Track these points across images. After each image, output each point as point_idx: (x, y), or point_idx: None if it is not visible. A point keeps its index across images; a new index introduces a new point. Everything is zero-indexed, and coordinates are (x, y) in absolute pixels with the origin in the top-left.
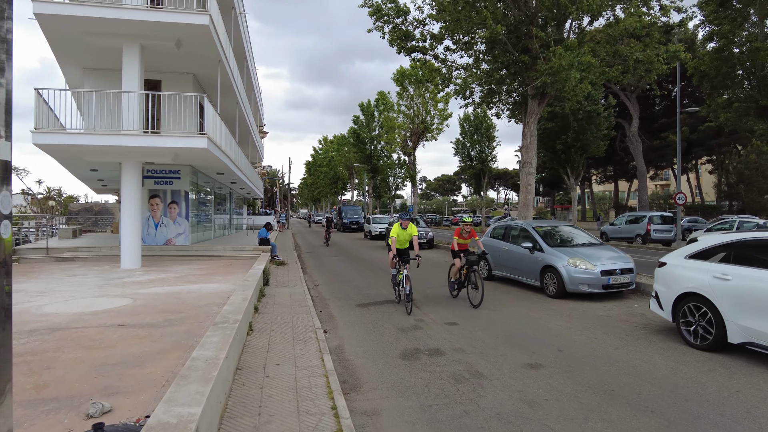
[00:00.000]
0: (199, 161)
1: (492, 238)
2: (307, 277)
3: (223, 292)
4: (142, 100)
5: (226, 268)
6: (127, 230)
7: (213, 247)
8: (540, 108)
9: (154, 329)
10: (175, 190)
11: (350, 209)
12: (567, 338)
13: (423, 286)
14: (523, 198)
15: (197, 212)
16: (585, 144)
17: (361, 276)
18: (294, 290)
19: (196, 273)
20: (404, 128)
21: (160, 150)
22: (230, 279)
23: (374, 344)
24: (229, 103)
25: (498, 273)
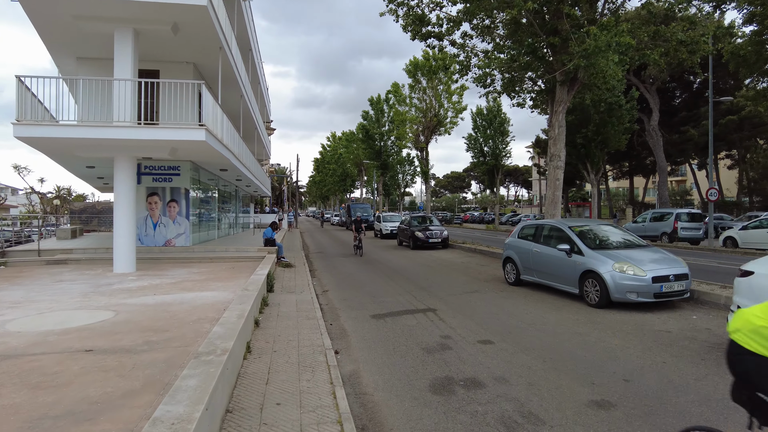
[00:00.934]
0: (199, 156)
1: (520, 239)
2: (315, 281)
3: (219, 302)
4: (135, 89)
5: (228, 272)
6: (120, 231)
7: (215, 249)
8: (569, 96)
9: (128, 356)
10: (174, 188)
11: (359, 207)
12: (629, 363)
13: (444, 293)
14: (550, 194)
15: (199, 211)
16: (606, 138)
17: (373, 280)
18: (301, 297)
19: (194, 278)
20: (416, 122)
21: (155, 143)
22: (230, 286)
23: (397, 371)
24: (233, 96)
25: (527, 278)
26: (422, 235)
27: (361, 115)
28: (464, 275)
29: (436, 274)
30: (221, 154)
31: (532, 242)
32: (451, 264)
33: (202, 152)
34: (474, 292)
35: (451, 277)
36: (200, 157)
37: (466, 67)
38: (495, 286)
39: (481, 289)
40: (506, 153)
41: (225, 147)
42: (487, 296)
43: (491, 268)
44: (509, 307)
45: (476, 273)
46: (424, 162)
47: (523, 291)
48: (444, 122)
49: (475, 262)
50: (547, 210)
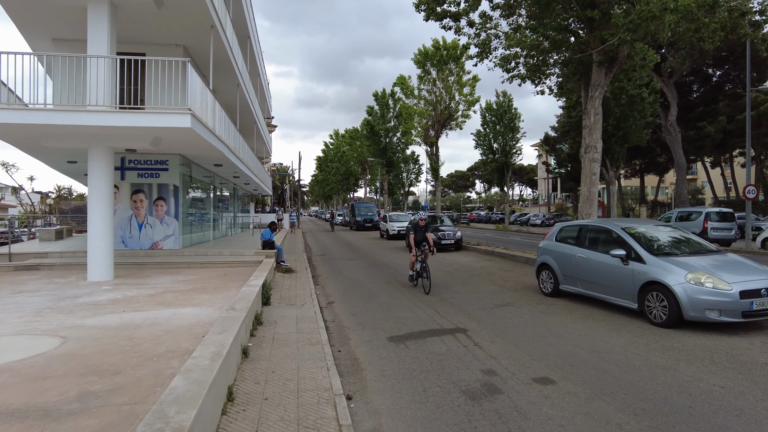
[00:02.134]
0: (188, 148)
1: (559, 243)
2: (318, 290)
3: (200, 324)
4: (111, 69)
5: (219, 279)
6: (95, 234)
7: (208, 252)
8: (607, 78)
9: (39, 426)
10: (162, 185)
11: (364, 206)
12: (750, 414)
13: (471, 306)
14: (585, 191)
15: (191, 210)
16: (627, 133)
17: (385, 289)
18: (302, 313)
19: (178, 288)
20: (426, 115)
21: (134, 132)
22: (218, 299)
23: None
24: (229, 85)
25: (568, 288)
26: (433, 236)
27: (366, 110)
28: (489, 283)
29: (456, 282)
30: (212, 145)
31: (574, 246)
32: (470, 269)
33: (190, 143)
34: (506, 306)
35: (475, 286)
36: (190, 150)
37: (485, 49)
38: (529, 298)
39: (513, 302)
40: (517, 150)
41: (217, 138)
42: (523, 311)
43: (517, 274)
44: (555, 326)
45: (502, 280)
46: (434, 158)
47: (565, 304)
48: (455, 116)
49: (497, 267)
50: (582, 208)
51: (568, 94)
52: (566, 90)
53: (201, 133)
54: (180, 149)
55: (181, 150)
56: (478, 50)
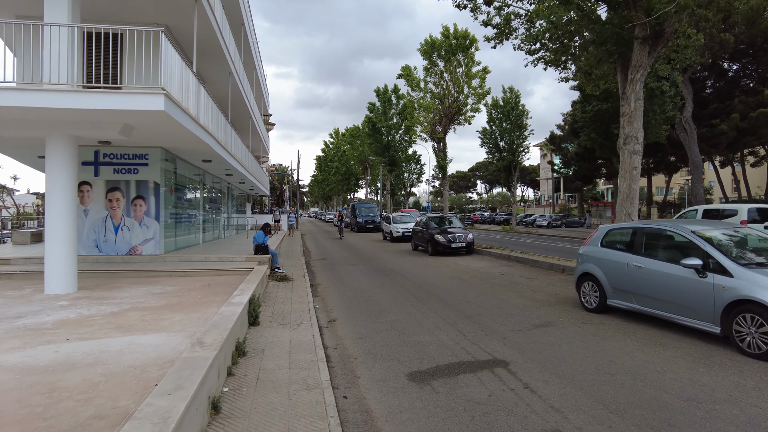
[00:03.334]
0: (169, 140)
1: (606, 249)
2: (318, 303)
3: (156, 364)
4: (71, 41)
5: (200, 292)
6: (54, 239)
7: (193, 258)
8: (650, 58)
9: None
10: (141, 182)
11: (365, 207)
12: None
13: (504, 327)
14: (625, 187)
15: (176, 211)
16: (648, 128)
17: (396, 301)
18: (297, 336)
19: (148, 304)
20: (433, 109)
21: (98, 116)
22: (192, 321)
23: None
24: (219, 74)
25: (619, 303)
26: (443, 239)
27: (367, 107)
28: (516, 295)
29: (477, 293)
30: (196, 136)
31: (626, 253)
32: (489, 276)
33: (170, 133)
34: (547, 326)
35: (501, 298)
36: (172, 142)
37: (504, 29)
38: (570, 315)
39: (553, 320)
40: (524, 148)
41: (201, 128)
42: (569, 333)
43: (544, 283)
44: (619, 355)
45: (529, 291)
46: (442, 154)
47: (618, 324)
48: (464, 110)
49: (518, 274)
50: (621, 208)
51: (595, 81)
52: (594, 77)
53: (180, 119)
54: (160, 141)
55: (162, 142)
56: (496, 31)
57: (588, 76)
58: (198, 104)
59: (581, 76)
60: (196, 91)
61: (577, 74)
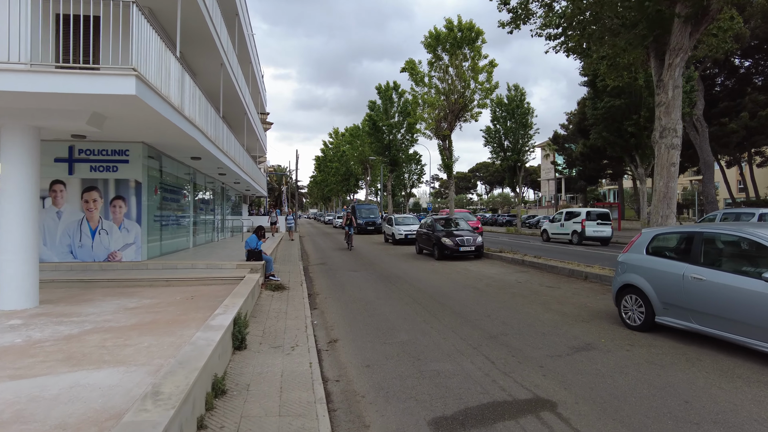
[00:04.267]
0: (150, 133)
1: (654, 256)
2: (317, 318)
3: (96, 422)
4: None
5: (180, 307)
6: (9, 244)
7: (178, 264)
8: (692, 39)
9: None
10: (121, 180)
11: (365, 208)
12: None
13: (538, 351)
14: (662, 186)
15: (161, 213)
16: None
17: (407, 316)
18: (291, 365)
19: (115, 323)
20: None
21: (61, 102)
22: (163, 347)
23: None
24: (210, 64)
25: (670, 321)
26: (450, 242)
27: (368, 105)
28: (541, 307)
29: (498, 306)
30: (180, 129)
31: (681, 262)
32: (506, 285)
33: (150, 125)
34: (588, 349)
35: (525, 312)
36: (155, 136)
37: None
38: (611, 333)
39: (593, 341)
40: (529, 147)
41: (186, 119)
42: (618, 359)
43: (569, 293)
44: (691, 393)
45: (556, 303)
46: (447, 153)
47: (672, 346)
48: (470, 106)
49: (537, 282)
50: (657, 209)
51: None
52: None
53: (157, 107)
54: (141, 135)
55: (143, 136)
56: (512, 15)
57: (611, 65)
58: (182, 93)
59: (603, 65)
60: (180, 79)
61: (600, 63)
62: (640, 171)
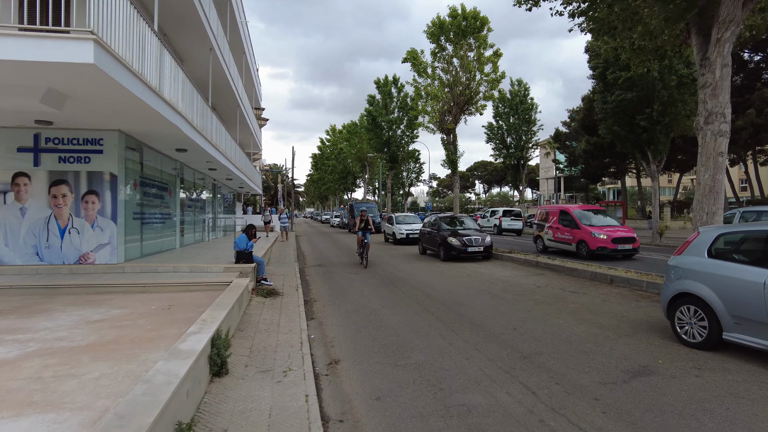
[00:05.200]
0: (125, 119)
1: (718, 260)
2: (314, 331)
3: None
4: None
5: (153, 319)
6: None
7: (160, 267)
8: (745, 10)
9: None
10: (94, 173)
11: (364, 206)
12: None
13: (584, 376)
14: (708, 179)
15: (142, 210)
16: (676, 119)
17: (419, 329)
18: (282, 397)
19: (69, 342)
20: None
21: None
22: (118, 377)
23: None
24: (198, 49)
25: (744, 339)
26: (457, 242)
27: (367, 99)
28: (572, 318)
29: (522, 316)
30: (157, 112)
31: (758, 267)
32: (524, 290)
33: (118, 106)
34: (647, 374)
35: (556, 324)
36: (130, 122)
37: None
38: (666, 352)
39: (649, 363)
40: (533, 144)
41: (161, 99)
42: (689, 389)
43: (598, 300)
44: None
45: (586, 312)
46: (452, 147)
47: (750, 370)
48: (475, 98)
49: (558, 286)
50: (701, 204)
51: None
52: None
53: (124, 81)
54: (116, 121)
55: (119, 123)
56: None
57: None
58: (161, 74)
59: (627, 50)
60: (159, 56)
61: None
62: (653, 168)
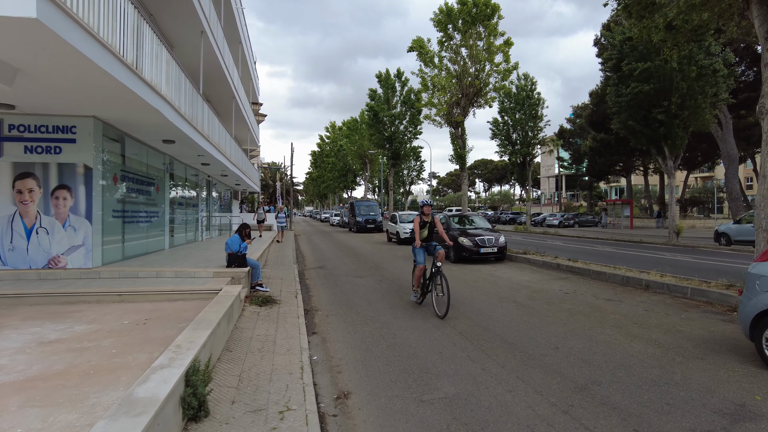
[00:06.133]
0: (99, 102)
1: None
2: (317, 352)
3: None
4: None
5: (121, 339)
6: None
7: (141, 272)
8: None
9: None
10: (66, 165)
11: (365, 205)
12: None
13: (664, 417)
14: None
15: (123, 207)
16: (695, 113)
17: (443, 349)
18: None
19: (13, 372)
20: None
21: None
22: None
23: None
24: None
25: None
26: (469, 243)
27: (368, 94)
28: (620, 333)
29: (562, 331)
30: (132, 92)
31: None
32: (552, 297)
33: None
34: (752, 419)
35: (603, 341)
36: (106, 107)
37: None
38: (758, 383)
39: (745, 400)
40: (539, 141)
41: (138, 76)
42: None
43: (640, 309)
44: None
45: (631, 323)
46: (460, 141)
47: None
48: (485, 90)
49: (589, 293)
50: (766, 200)
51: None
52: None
53: (83, 47)
54: (90, 106)
55: (93, 108)
56: None
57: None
58: (139, 49)
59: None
60: (136, 28)
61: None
62: (669, 164)
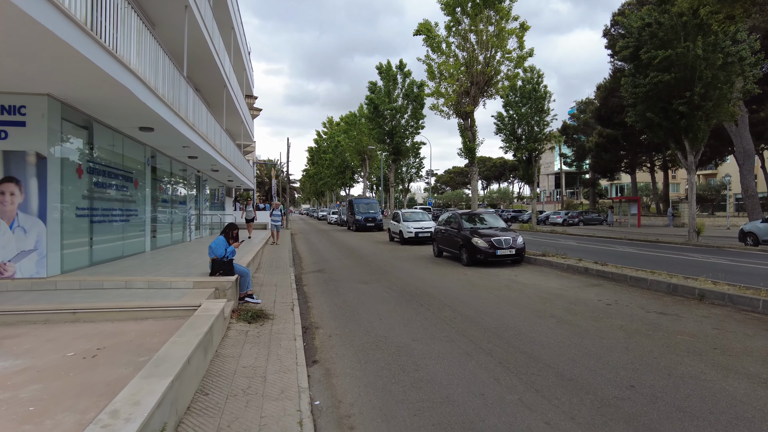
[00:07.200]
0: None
1: None
2: (319, 396)
3: None
4: None
5: (57, 384)
6: None
7: (107, 281)
8: None
9: None
10: (12, 153)
11: (364, 203)
12: None
13: None
14: None
15: (91, 204)
16: (719, 104)
17: (484, 389)
18: None
19: None
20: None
21: None
22: None
23: None
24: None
25: None
26: (484, 244)
27: (368, 87)
28: (704, 363)
29: (625, 360)
30: (89, 60)
31: None
32: (594, 310)
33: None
34: None
35: (688, 374)
36: (62, 82)
37: None
38: None
39: None
40: (545, 136)
41: (96, 41)
42: None
43: (706, 326)
44: None
45: (710, 348)
46: (470, 134)
47: None
48: (495, 79)
49: (634, 303)
50: None
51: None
52: None
53: None
54: (42, 81)
55: (46, 84)
56: None
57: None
58: (95, 4)
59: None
60: None
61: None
62: (690, 159)
